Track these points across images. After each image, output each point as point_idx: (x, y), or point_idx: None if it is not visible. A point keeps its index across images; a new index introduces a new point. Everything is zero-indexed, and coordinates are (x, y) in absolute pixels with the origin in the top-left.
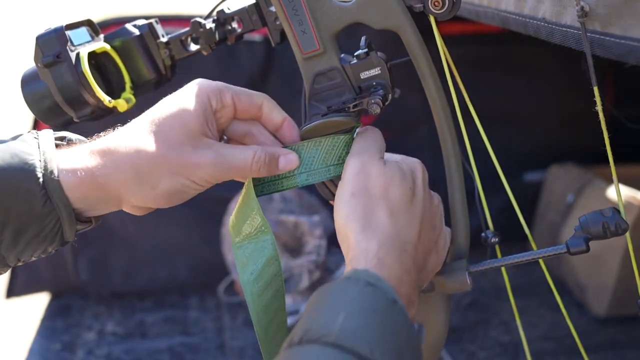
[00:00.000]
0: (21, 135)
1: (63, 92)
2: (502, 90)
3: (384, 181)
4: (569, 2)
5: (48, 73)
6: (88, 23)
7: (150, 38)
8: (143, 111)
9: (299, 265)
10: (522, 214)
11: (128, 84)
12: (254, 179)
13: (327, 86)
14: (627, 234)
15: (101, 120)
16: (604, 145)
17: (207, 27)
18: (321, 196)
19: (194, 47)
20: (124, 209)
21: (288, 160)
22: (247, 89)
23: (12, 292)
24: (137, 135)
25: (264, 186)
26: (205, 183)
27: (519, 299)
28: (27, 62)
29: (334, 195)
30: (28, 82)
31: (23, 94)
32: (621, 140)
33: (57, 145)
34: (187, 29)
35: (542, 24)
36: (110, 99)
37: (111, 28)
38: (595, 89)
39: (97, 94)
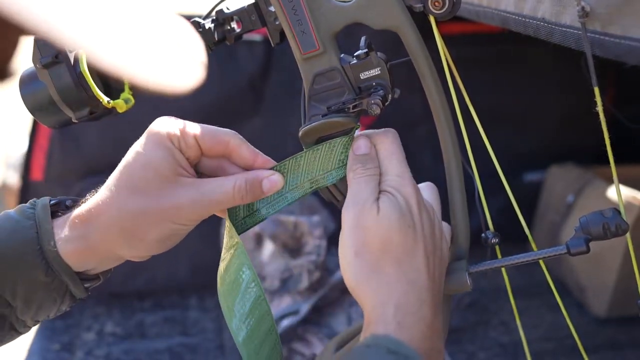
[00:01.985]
0: (21, 205)
1: (62, 93)
2: (502, 90)
3: (382, 232)
4: (568, 2)
5: (46, 74)
6: None
7: None
8: (143, 111)
9: (298, 265)
10: (522, 215)
11: (127, 85)
12: (244, 209)
13: (327, 86)
14: (627, 235)
15: (100, 120)
16: (604, 146)
17: (206, 27)
18: (321, 196)
19: None
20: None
21: (272, 181)
22: (213, 127)
23: None
24: (116, 196)
25: (254, 215)
26: (192, 222)
27: (519, 300)
28: (26, 63)
29: (337, 199)
30: (26, 83)
31: (21, 94)
32: (621, 141)
33: (53, 213)
34: None
35: (542, 23)
36: (109, 99)
37: None
38: (596, 89)
39: (96, 95)
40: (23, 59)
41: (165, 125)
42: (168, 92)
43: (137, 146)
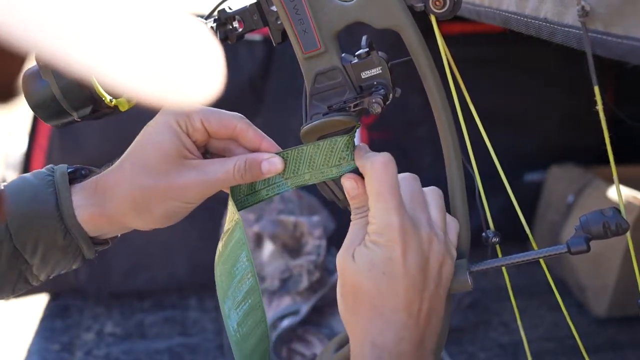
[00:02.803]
0: (38, 171)
1: (64, 91)
2: (503, 90)
3: (352, 279)
4: (570, 2)
5: (49, 72)
6: None
7: None
8: (144, 110)
9: (298, 265)
10: (522, 214)
11: None
12: (247, 187)
13: (328, 85)
14: (628, 234)
15: (102, 119)
16: (604, 146)
17: (208, 26)
18: (321, 197)
19: None
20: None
21: (271, 163)
22: (220, 110)
23: None
24: (129, 171)
25: (256, 194)
26: (197, 200)
27: (519, 300)
28: (28, 61)
29: (336, 196)
30: (28, 81)
31: (24, 93)
32: (621, 140)
33: (71, 181)
34: None
35: (544, 24)
36: (111, 97)
37: None
38: (596, 89)
39: (99, 93)
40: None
41: (173, 110)
42: (188, 104)
43: (149, 126)
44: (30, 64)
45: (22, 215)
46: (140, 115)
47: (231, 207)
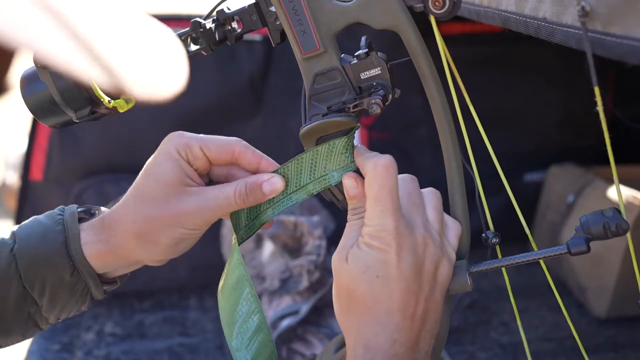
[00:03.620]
0: (50, 211)
1: (63, 93)
2: (503, 90)
3: (346, 282)
4: (570, 2)
5: (47, 73)
6: None
7: None
8: (143, 111)
9: (298, 265)
10: (522, 214)
11: None
12: (249, 212)
13: (327, 86)
14: (628, 234)
15: (100, 120)
16: (604, 146)
17: (207, 27)
18: (321, 197)
19: (193, 47)
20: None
21: (271, 184)
22: (218, 138)
23: None
24: (131, 204)
25: (261, 216)
26: (200, 227)
27: (519, 300)
28: (26, 63)
29: (337, 199)
30: (27, 83)
31: (22, 94)
32: (621, 141)
33: (80, 219)
34: (186, 29)
35: (543, 23)
36: (109, 99)
37: None
38: (596, 89)
39: (97, 94)
40: (24, 59)
41: (175, 139)
42: (152, 99)
43: (152, 159)
44: (21, 60)
45: (31, 255)
46: (141, 115)
47: (233, 240)
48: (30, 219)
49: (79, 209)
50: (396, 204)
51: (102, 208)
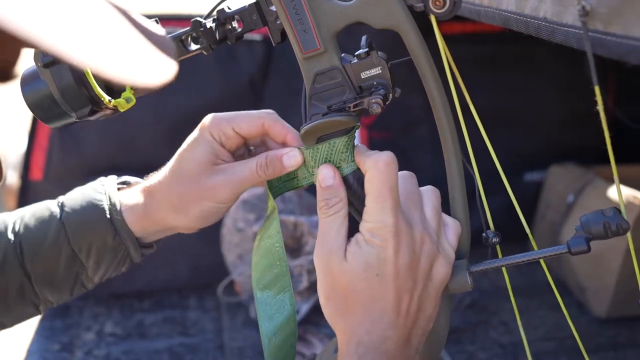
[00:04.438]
0: (92, 182)
1: (63, 92)
2: (503, 90)
3: (346, 281)
4: (570, 1)
5: (48, 73)
6: None
7: None
8: (143, 111)
9: (298, 265)
10: (522, 214)
11: None
12: (273, 183)
13: (328, 86)
14: (628, 234)
15: (101, 119)
16: (605, 145)
17: (207, 26)
18: None
19: (194, 47)
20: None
21: (291, 157)
22: (249, 113)
23: None
24: (168, 178)
25: (280, 186)
26: (228, 200)
27: (519, 300)
28: (27, 62)
29: None
30: (28, 82)
31: (22, 93)
32: (621, 140)
33: (118, 189)
34: (187, 28)
35: (543, 23)
36: (110, 98)
37: None
38: (597, 88)
39: (98, 94)
40: (25, 58)
41: (208, 122)
42: (139, 86)
43: (188, 140)
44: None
45: (77, 222)
46: (141, 115)
47: (270, 207)
48: (74, 190)
49: (117, 180)
50: (396, 200)
51: (138, 179)
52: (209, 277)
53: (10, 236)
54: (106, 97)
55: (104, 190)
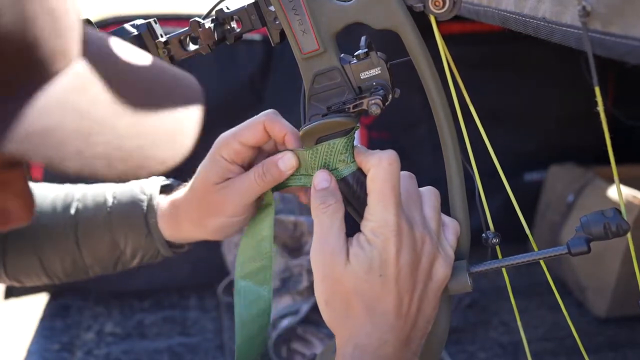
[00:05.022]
0: (142, 181)
1: None
2: (503, 90)
3: (350, 284)
4: (569, 1)
5: None
6: (86, 22)
7: (149, 38)
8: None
9: (298, 265)
10: (522, 214)
11: None
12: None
13: (327, 86)
14: (628, 234)
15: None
16: (604, 145)
17: (206, 26)
18: None
19: (192, 47)
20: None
21: (286, 160)
22: (249, 122)
23: (11, 292)
24: (187, 194)
25: (295, 178)
26: (237, 213)
27: (519, 300)
28: None
29: None
30: None
31: None
32: (621, 140)
33: (161, 191)
34: (185, 28)
35: (542, 23)
36: None
37: (109, 28)
38: (597, 89)
39: None
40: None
41: (217, 141)
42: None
43: (202, 161)
44: None
45: (119, 215)
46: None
47: (267, 193)
48: (127, 183)
49: (162, 183)
50: (398, 199)
51: (179, 183)
52: (209, 277)
53: (72, 211)
54: None
55: (148, 190)
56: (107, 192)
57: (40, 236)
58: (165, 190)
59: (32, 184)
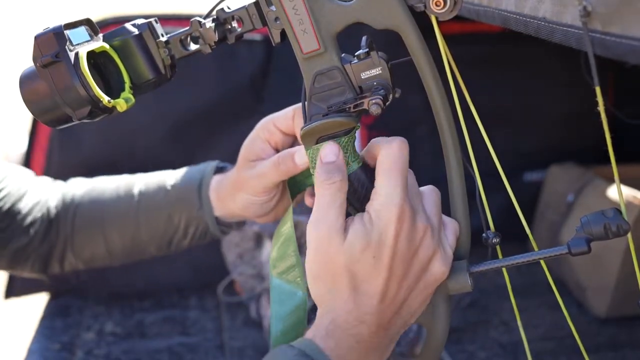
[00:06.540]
0: (198, 165)
1: (62, 92)
2: (503, 89)
3: (343, 261)
4: (569, 1)
5: (47, 73)
6: (87, 22)
7: (150, 37)
8: (142, 110)
9: None
10: (522, 214)
11: (127, 84)
12: (296, 179)
13: (328, 86)
14: (628, 235)
15: (100, 119)
16: (605, 145)
17: (207, 26)
18: None
19: (193, 47)
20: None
21: (302, 155)
22: (286, 110)
23: (11, 292)
24: (232, 171)
25: (299, 183)
26: (258, 193)
27: (519, 299)
28: (26, 62)
29: None
30: (27, 82)
31: (22, 94)
32: (621, 140)
33: (216, 172)
34: (186, 28)
35: (543, 23)
36: (109, 98)
37: (110, 27)
38: (597, 89)
39: (97, 94)
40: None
41: (260, 122)
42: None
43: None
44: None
45: (177, 190)
46: (140, 115)
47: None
48: (184, 168)
49: (217, 165)
50: (405, 182)
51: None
52: (209, 277)
53: (135, 191)
54: (105, 98)
55: (203, 169)
56: (168, 175)
57: (105, 216)
58: (219, 171)
59: (96, 178)
